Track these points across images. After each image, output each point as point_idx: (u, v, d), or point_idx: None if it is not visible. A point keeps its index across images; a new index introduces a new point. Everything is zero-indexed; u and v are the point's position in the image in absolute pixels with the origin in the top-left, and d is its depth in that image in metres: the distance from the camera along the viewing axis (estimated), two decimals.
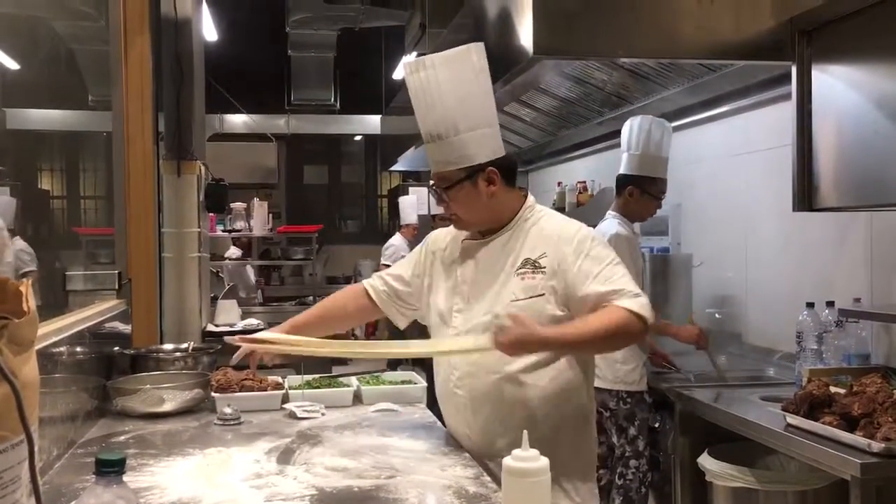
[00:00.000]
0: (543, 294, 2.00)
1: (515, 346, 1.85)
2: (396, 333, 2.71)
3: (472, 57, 2.02)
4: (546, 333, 1.87)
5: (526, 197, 2.15)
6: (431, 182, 2.13)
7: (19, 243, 2.99)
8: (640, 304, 1.92)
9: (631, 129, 3.56)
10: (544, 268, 2.01)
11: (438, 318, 2.18)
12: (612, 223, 3.42)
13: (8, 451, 0.89)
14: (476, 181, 2.03)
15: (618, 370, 3.25)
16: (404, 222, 7.70)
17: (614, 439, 3.31)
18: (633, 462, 3.27)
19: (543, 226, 2.08)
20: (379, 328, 9.00)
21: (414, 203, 7.65)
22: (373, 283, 2.36)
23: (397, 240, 7.39)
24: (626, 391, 3.27)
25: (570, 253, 2.00)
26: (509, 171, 2.10)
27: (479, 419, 2.05)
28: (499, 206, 2.08)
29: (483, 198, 2.04)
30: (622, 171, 3.55)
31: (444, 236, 2.27)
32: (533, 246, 2.05)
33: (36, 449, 0.97)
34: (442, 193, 2.07)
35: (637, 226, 3.69)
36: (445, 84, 1.98)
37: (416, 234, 7.94)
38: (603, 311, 1.92)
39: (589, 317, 1.93)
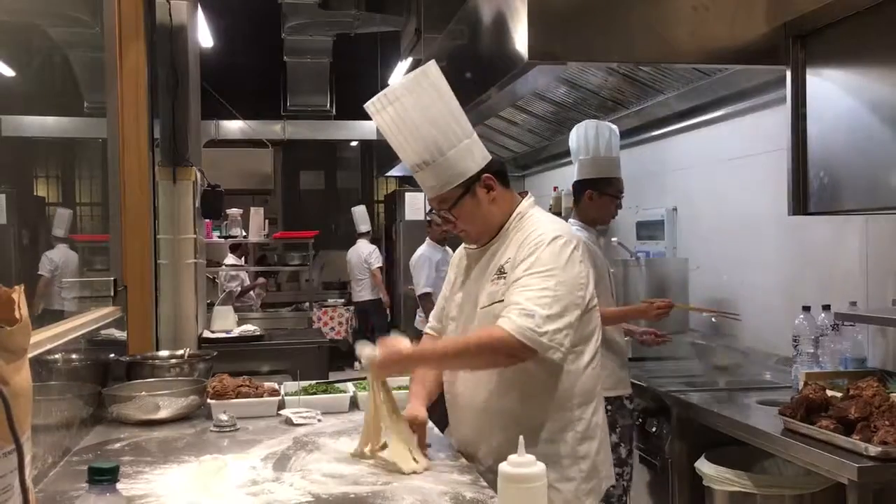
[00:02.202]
0: (502, 300, 1.96)
1: (383, 366, 1.95)
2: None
3: (428, 77, 2.01)
4: (408, 352, 1.98)
5: (522, 199, 2.14)
6: (430, 209, 2.13)
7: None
8: (519, 326, 1.84)
9: (578, 135, 3.51)
10: (506, 273, 2.00)
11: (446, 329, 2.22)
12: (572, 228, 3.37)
13: (0, 458, 0.89)
14: (475, 192, 2.03)
15: (607, 377, 3.19)
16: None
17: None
18: (615, 470, 3.24)
19: (522, 231, 2.05)
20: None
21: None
22: (434, 325, 2.32)
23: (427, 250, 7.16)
24: (604, 397, 3.23)
25: (521, 256, 1.97)
26: (502, 174, 2.11)
27: (476, 424, 2.08)
28: (501, 210, 2.09)
29: (485, 205, 2.05)
30: (577, 177, 3.48)
31: (460, 249, 2.28)
32: (506, 252, 2.04)
33: (30, 457, 0.96)
34: (446, 214, 2.06)
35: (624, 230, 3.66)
36: (414, 111, 1.97)
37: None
38: (481, 329, 1.96)
39: (457, 338, 2.03)
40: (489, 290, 2.01)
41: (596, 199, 3.41)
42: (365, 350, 1.97)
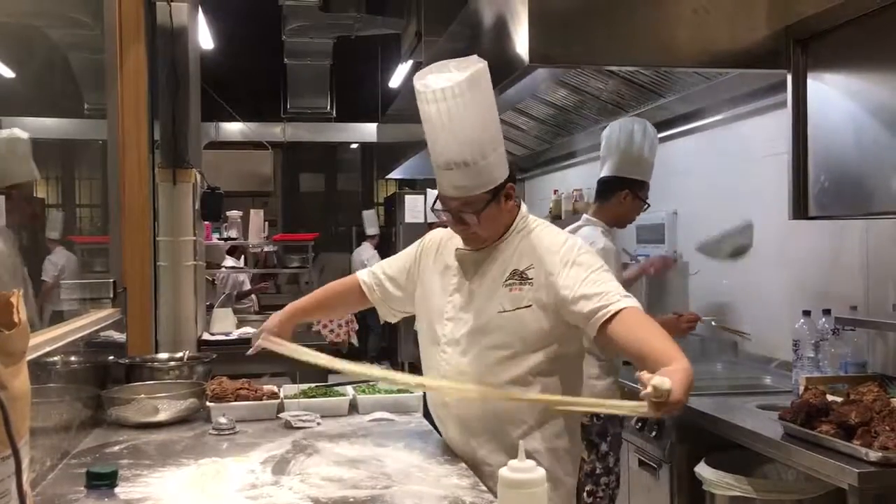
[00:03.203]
0: (530, 306, 2.00)
1: (683, 401, 1.68)
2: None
3: (485, 78, 1.97)
4: (689, 379, 1.71)
5: (519, 207, 2.16)
6: (439, 207, 2.08)
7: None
8: (633, 301, 1.92)
9: (623, 130, 3.40)
10: (531, 279, 2.01)
11: (427, 326, 2.20)
12: (593, 232, 3.24)
13: None
14: (500, 199, 2.04)
15: (593, 386, 3.15)
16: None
17: (584, 455, 3.24)
18: (603, 479, 3.23)
19: (532, 237, 2.08)
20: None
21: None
22: (366, 279, 2.39)
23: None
24: None
25: (557, 262, 1.99)
26: (515, 182, 2.14)
27: (468, 431, 2.08)
28: (510, 217, 2.11)
29: (504, 213, 2.08)
30: (612, 173, 3.36)
31: (438, 238, 2.28)
32: (521, 257, 2.06)
33: (28, 460, 0.96)
34: (469, 217, 2.03)
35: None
36: (470, 110, 1.91)
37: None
38: (640, 324, 1.86)
39: (653, 330, 1.85)
40: (511, 296, 2.02)
41: (630, 200, 3.33)
42: (664, 383, 1.60)
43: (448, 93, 1.90)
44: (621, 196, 3.33)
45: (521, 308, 2.01)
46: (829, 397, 2.49)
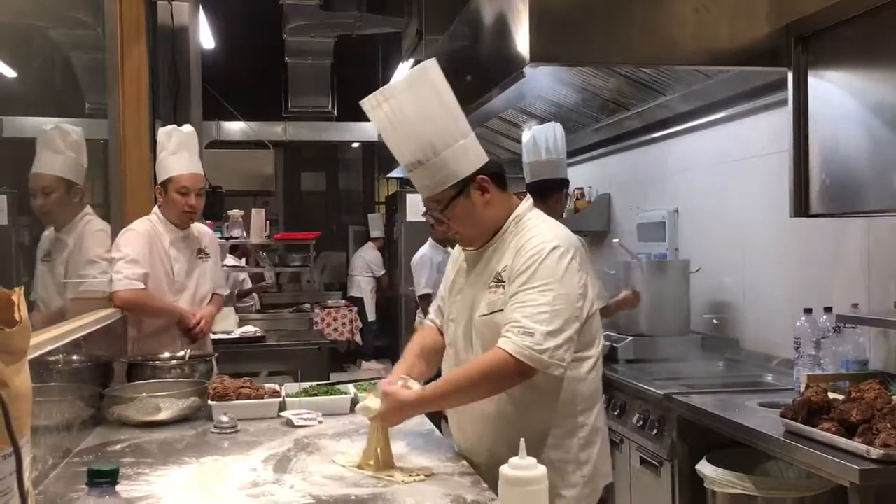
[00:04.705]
0: (503, 310, 1.95)
1: (386, 419, 1.94)
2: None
3: (427, 75, 1.97)
4: (410, 400, 1.94)
5: (520, 202, 2.12)
6: (425, 209, 2.10)
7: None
8: (519, 346, 1.84)
9: (544, 135, 3.76)
10: (503, 282, 1.98)
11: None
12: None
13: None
14: (469, 194, 2.00)
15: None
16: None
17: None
18: None
19: (518, 236, 2.02)
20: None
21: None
22: (435, 319, 2.30)
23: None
24: None
25: (518, 267, 1.95)
26: (499, 176, 2.07)
27: (474, 431, 2.08)
28: (497, 213, 2.06)
29: (479, 208, 2.02)
30: (553, 175, 3.70)
31: (429, 257, 2.29)
32: (502, 258, 2.02)
33: (29, 459, 0.96)
34: (439, 215, 2.03)
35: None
36: (410, 108, 1.93)
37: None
38: (477, 359, 1.95)
39: (458, 370, 1.99)
40: (489, 299, 2.00)
41: (563, 197, 3.74)
42: (366, 404, 1.97)
43: (380, 97, 1.94)
44: (560, 195, 3.67)
45: (496, 312, 1.98)
46: (831, 395, 2.48)
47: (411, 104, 1.93)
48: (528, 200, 2.13)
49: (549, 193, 3.64)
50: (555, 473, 1.98)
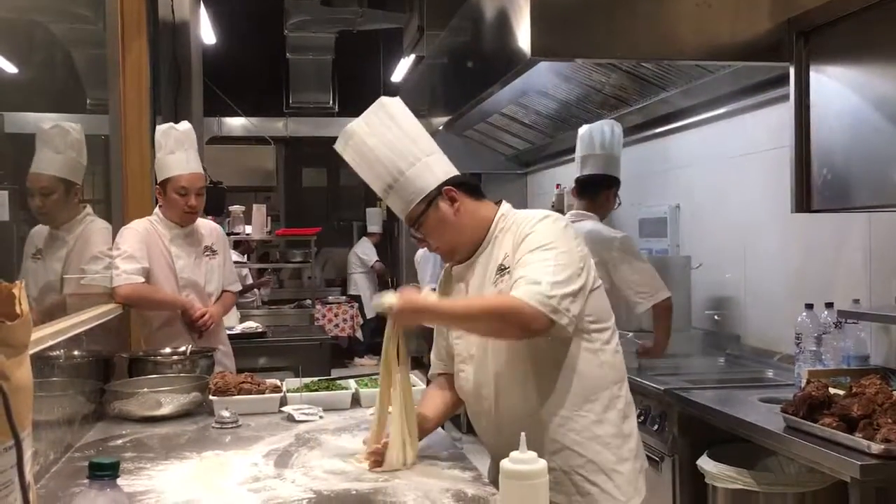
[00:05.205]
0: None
1: (402, 314, 1.91)
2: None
3: (384, 108, 2.07)
4: (428, 303, 1.97)
5: (500, 206, 2.13)
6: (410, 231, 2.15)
7: None
8: (532, 292, 1.83)
9: (600, 131, 3.66)
10: (508, 268, 1.98)
11: (447, 347, 2.19)
12: (603, 226, 3.48)
13: (1, 454, 0.89)
14: (437, 206, 2.03)
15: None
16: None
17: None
18: None
19: (513, 227, 2.04)
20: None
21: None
22: (439, 366, 2.27)
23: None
24: None
25: (519, 239, 1.97)
26: (469, 186, 2.10)
27: (502, 434, 2.02)
28: (473, 222, 2.07)
29: (451, 219, 2.04)
30: (605, 171, 3.60)
31: (432, 255, 2.30)
32: (500, 251, 2.03)
33: (30, 453, 0.96)
34: (416, 233, 2.11)
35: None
36: (369, 140, 2.04)
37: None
38: (498, 294, 1.95)
39: (475, 299, 2.01)
40: (499, 290, 1.99)
41: (613, 196, 3.60)
42: (385, 297, 1.94)
43: (345, 137, 2.08)
44: (610, 193, 3.56)
45: None
46: (832, 390, 2.48)
47: (370, 135, 2.04)
48: (505, 205, 2.14)
49: (600, 190, 3.57)
50: (606, 449, 1.99)
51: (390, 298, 1.92)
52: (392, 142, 2.03)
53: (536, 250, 1.91)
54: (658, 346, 3.55)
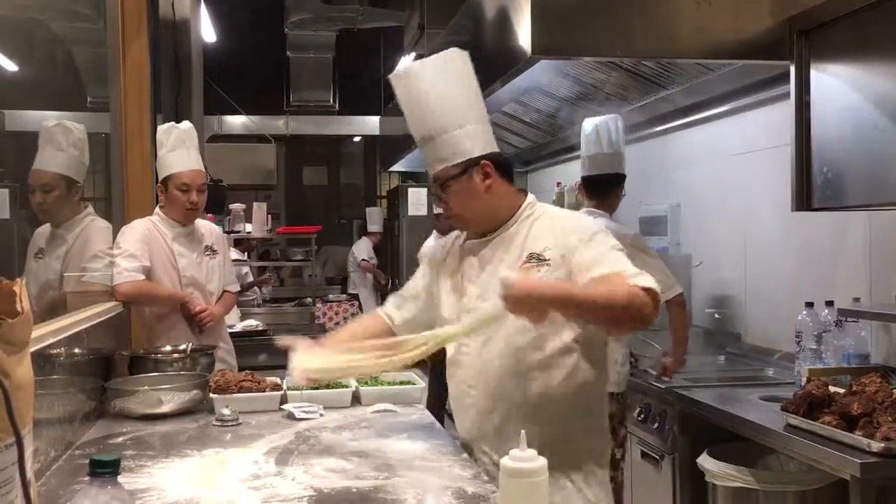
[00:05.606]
0: None
1: (523, 301, 1.74)
2: None
3: (456, 61, 2.05)
4: (554, 289, 1.83)
5: (526, 195, 2.15)
6: (430, 186, 2.14)
7: None
8: (649, 280, 1.84)
9: (607, 127, 3.61)
10: (548, 260, 1.98)
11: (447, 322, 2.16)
12: (616, 224, 3.45)
13: (1, 451, 0.89)
14: (471, 175, 2.03)
15: (617, 373, 3.25)
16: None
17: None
18: (622, 463, 3.28)
19: (547, 219, 2.06)
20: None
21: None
22: (390, 312, 2.31)
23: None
24: (617, 392, 3.27)
25: (575, 241, 1.97)
26: (505, 167, 2.09)
27: (492, 419, 2.03)
28: (497, 201, 2.07)
29: (480, 192, 2.04)
30: (613, 170, 3.55)
31: (439, 248, 2.28)
32: (535, 240, 2.03)
33: (31, 451, 0.96)
34: (440, 192, 2.08)
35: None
36: (428, 85, 2.02)
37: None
38: (616, 284, 1.84)
39: (603, 286, 1.86)
40: (525, 275, 1.95)
41: (621, 193, 3.56)
42: (508, 274, 1.77)
43: (407, 72, 2.06)
44: (618, 190, 3.52)
45: None
46: (832, 388, 2.49)
47: (431, 79, 2.02)
48: (532, 196, 2.15)
49: (610, 189, 3.55)
50: (598, 442, 2.08)
51: (509, 274, 1.77)
52: (448, 95, 2.02)
53: (615, 251, 1.95)
54: (678, 358, 3.42)
